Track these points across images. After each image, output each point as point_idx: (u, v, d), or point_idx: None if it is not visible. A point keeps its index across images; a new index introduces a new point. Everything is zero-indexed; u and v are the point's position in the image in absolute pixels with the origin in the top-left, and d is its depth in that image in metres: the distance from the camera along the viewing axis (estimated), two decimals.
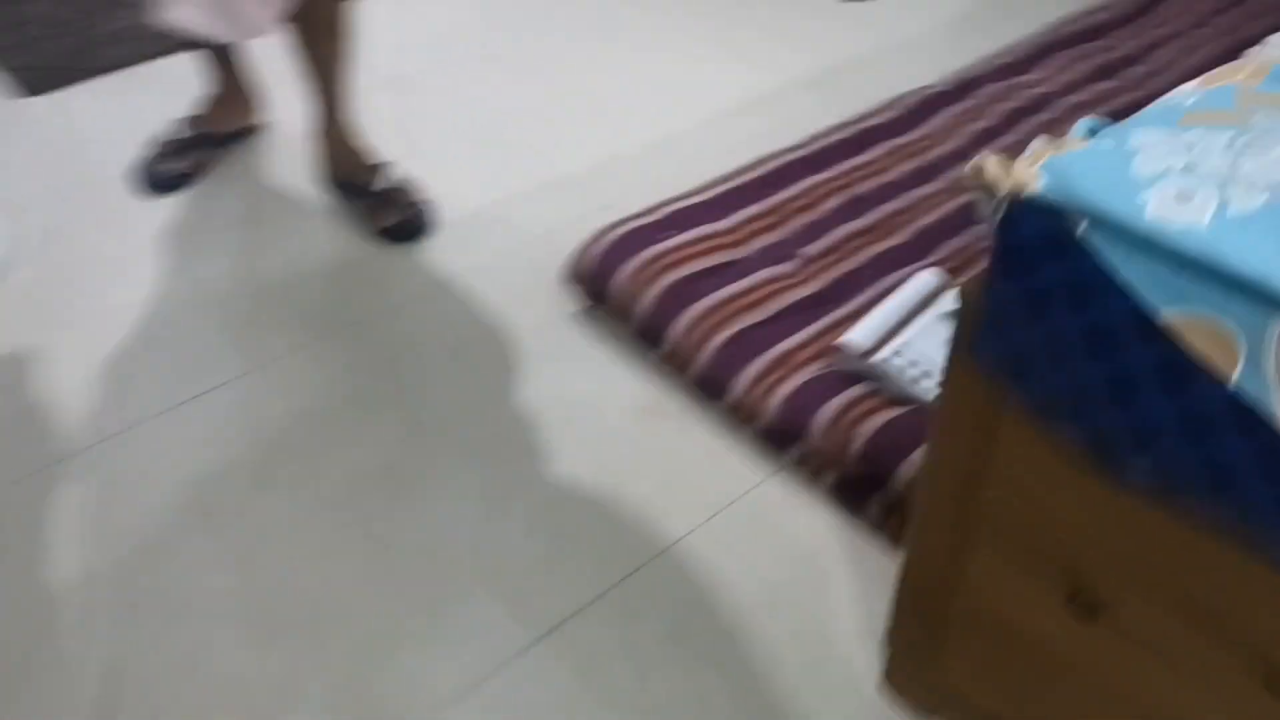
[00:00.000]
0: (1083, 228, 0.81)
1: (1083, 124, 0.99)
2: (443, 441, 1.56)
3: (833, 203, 1.87)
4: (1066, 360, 0.85)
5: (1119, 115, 2.11)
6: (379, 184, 1.95)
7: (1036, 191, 0.83)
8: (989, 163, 0.90)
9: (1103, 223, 0.80)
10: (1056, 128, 2.08)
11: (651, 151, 2.19)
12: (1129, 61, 2.31)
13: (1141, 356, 0.80)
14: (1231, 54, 2.37)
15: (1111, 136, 0.91)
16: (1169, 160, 0.86)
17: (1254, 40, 2.40)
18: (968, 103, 2.16)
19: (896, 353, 1.50)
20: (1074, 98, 2.17)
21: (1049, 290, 0.84)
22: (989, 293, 0.89)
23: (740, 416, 1.56)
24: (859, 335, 1.53)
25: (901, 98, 2.17)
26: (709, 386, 1.59)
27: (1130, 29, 2.44)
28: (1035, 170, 0.84)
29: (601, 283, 1.71)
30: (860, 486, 1.44)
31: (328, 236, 1.94)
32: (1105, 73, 2.27)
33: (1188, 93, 1.01)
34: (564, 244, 1.82)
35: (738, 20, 2.68)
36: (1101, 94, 2.18)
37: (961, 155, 2.00)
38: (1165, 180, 0.82)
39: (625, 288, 1.67)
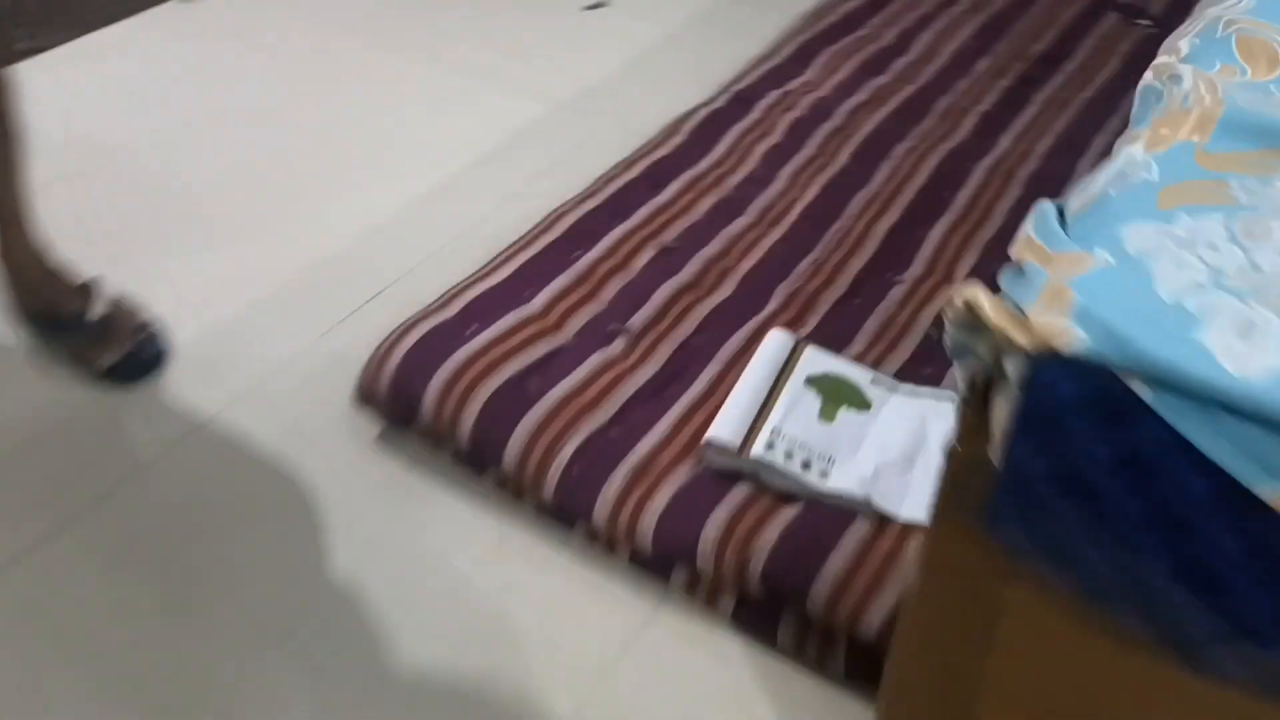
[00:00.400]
0: (1141, 389, 0.64)
1: (1045, 211, 0.82)
2: (249, 646, 1.24)
3: (643, 258, 1.65)
4: (1125, 544, 0.68)
5: (902, 113, 2.03)
6: (90, 311, 1.56)
7: (1074, 348, 0.65)
8: (983, 304, 0.71)
9: (1168, 383, 0.63)
10: (843, 135, 1.96)
11: (417, 213, 1.90)
12: (893, 52, 2.23)
13: (1232, 540, 0.64)
14: (989, 34, 2.36)
15: (1102, 242, 0.74)
16: (1190, 272, 0.70)
17: (1006, 18, 2.39)
18: (749, 118, 2.00)
19: (770, 443, 1.31)
20: (853, 100, 2.06)
21: (1099, 464, 0.66)
22: (1013, 463, 0.70)
23: (607, 544, 1.33)
24: (725, 429, 1.33)
25: (681, 121, 1.99)
26: (563, 513, 1.35)
27: (884, 16, 2.36)
28: (1068, 323, 0.65)
29: (405, 403, 1.42)
30: (768, 608, 1.25)
31: (36, 389, 1.53)
32: (874, 68, 2.18)
33: (1139, 160, 0.86)
34: (340, 350, 1.53)
35: (479, 43, 2.40)
36: (878, 92, 2.08)
37: (760, 180, 1.84)
38: (1209, 309, 0.66)
39: (436, 407, 1.39)
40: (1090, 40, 2.28)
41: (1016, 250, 0.78)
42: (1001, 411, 0.72)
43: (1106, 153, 1.99)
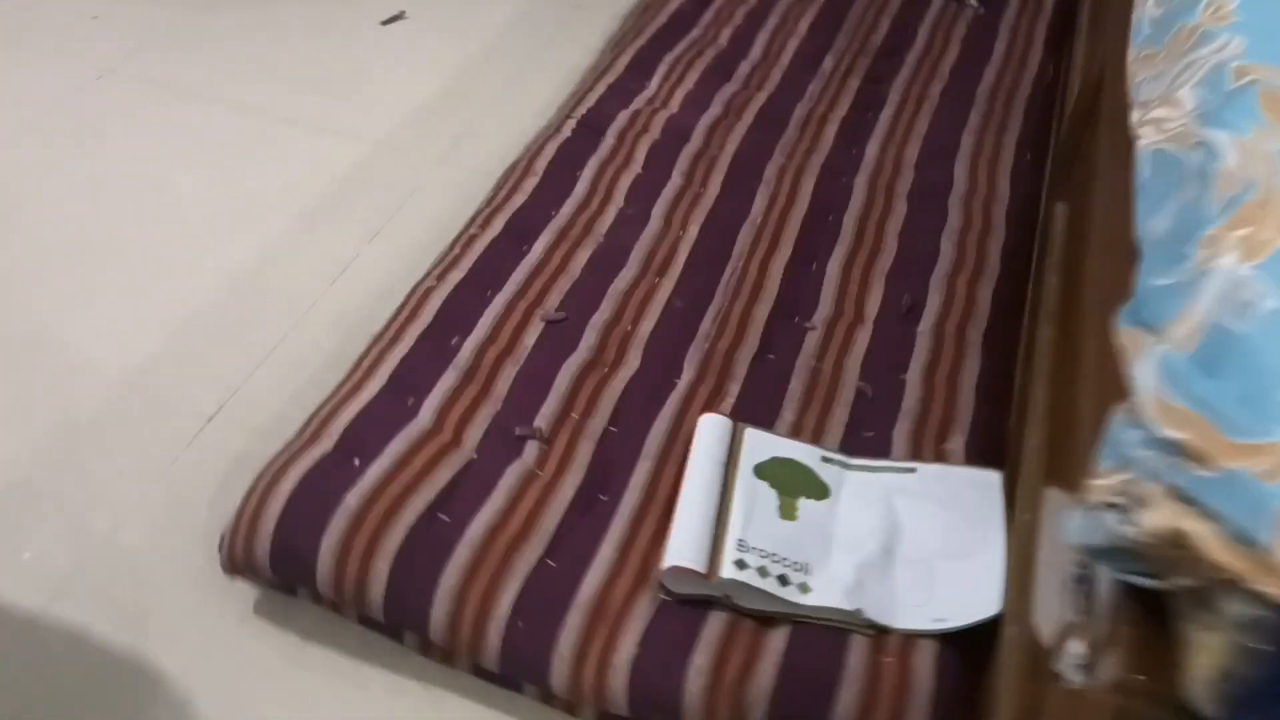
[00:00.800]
0: None
1: (1172, 364, 0.68)
2: None
3: (531, 335, 1.45)
4: None
5: (760, 126, 1.89)
6: None
7: None
8: (1203, 540, 0.56)
9: None
10: (707, 159, 1.80)
11: (231, 301, 1.60)
12: (733, 55, 2.08)
13: None
14: (825, 28, 2.24)
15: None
16: None
17: (837, 8, 2.28)
18: (602, 146, 1.80)
19: (740, 560, 1.15)
20: (707, 115, 1.89)
21: None
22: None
23: (568, 706, 1.14)
24: (685, 552, 1.15)
25: (529, 157, 1.77)
26: (510, 677, 1.15)
27: (712, 13, 2.20)
28: None
29: (292, 570, 1.17)
30: None
31: None
32: (718, 74, 2.02)
33: (1246, 279, 0.73)
34: (178, 499, 1.26)
35: (271, 76, 2.07)
36: (731, 104, 1.93)
37: (633, 221, 1.66)
38: None
39: (335, 570, 1.15)
40: (924, 26, 2.20)
41: (1156, 415, 0.64)
42: (1211, 651, 0.58)
43: (977, 152, 1.90)
